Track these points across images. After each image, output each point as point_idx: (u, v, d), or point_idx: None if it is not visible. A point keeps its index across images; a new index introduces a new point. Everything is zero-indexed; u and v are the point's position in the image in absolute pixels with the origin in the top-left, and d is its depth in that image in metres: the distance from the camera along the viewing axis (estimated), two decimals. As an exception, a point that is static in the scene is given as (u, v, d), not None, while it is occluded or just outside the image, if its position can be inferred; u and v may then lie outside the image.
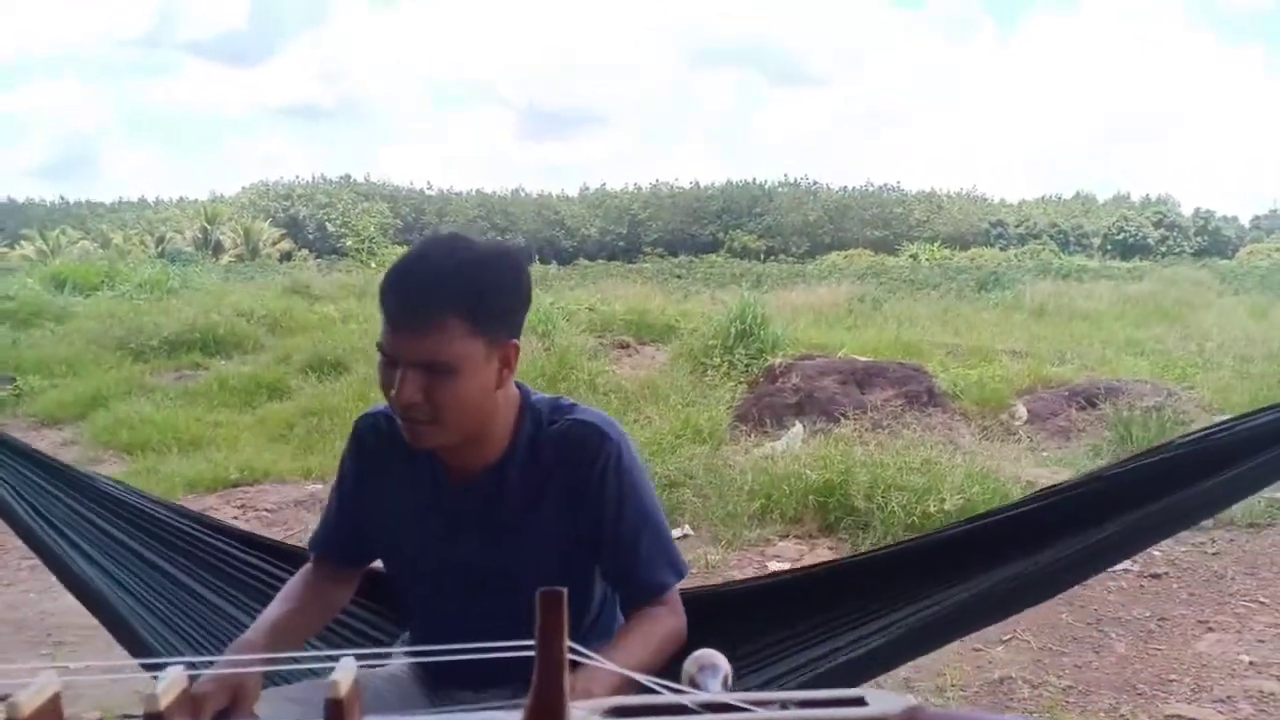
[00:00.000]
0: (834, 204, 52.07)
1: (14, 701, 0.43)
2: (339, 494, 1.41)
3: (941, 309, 13.43)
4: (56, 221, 43.31)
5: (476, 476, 1.30)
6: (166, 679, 0.46)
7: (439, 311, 1.14)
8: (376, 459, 1.35)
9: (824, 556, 4.21)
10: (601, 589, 1.37)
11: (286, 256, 35.30)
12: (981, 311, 13.12)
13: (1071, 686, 2.92)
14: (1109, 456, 5.68)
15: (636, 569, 1.30)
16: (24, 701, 0.42)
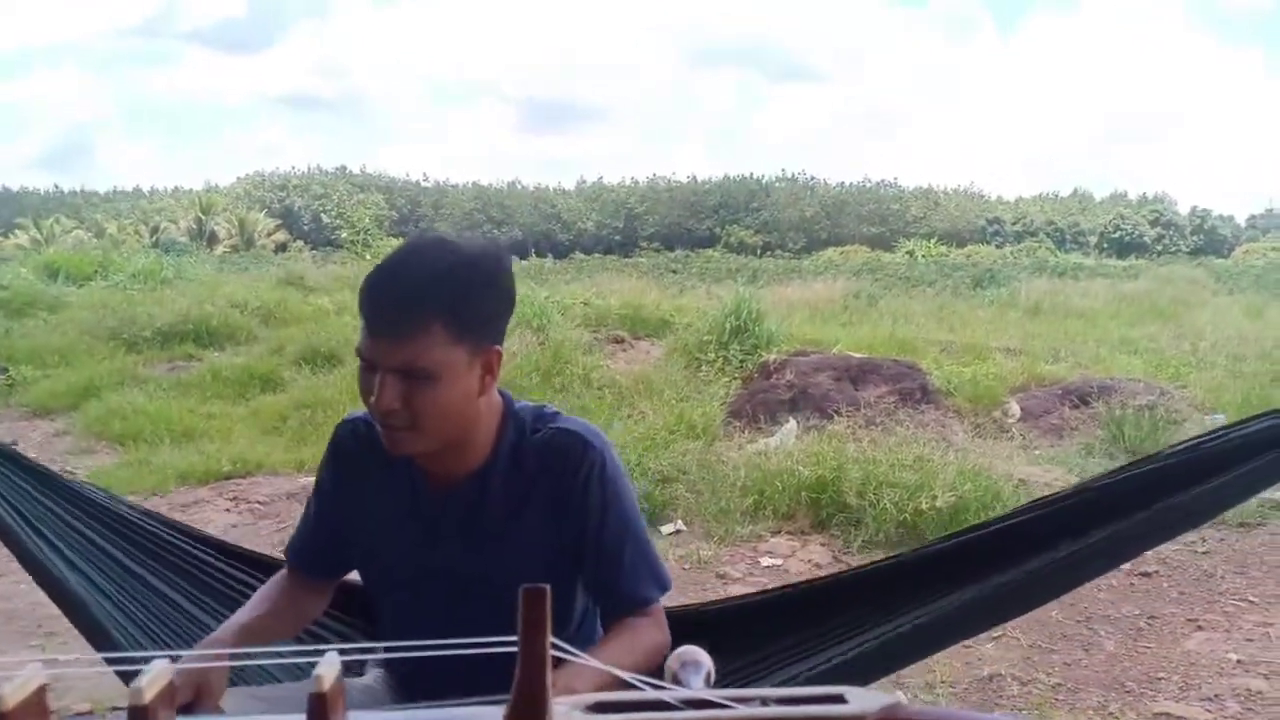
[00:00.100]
0: (831, 200, 51.96)
1: (-2, 694, 0.43)
2: (316, 499, 1.40)
3: (937, 306, 13.45)
4: (51, 211, 43.06)
5: (459, 483, 1.28)
6: (150, 672, 0.46)
7: (419, 317, 1.12)
8: (356, 464, 1.34)
9: (816, 553, 4.23)
10: (583, 601, 1.36)
11: (281, 248, 35.12)
12: (976, 309, 13.14)
13: (1060, 684, 2.93)
14: (1101, 454, 5.71)
15: (619, 579, 1.28)
16: (8, 694, 0.42)
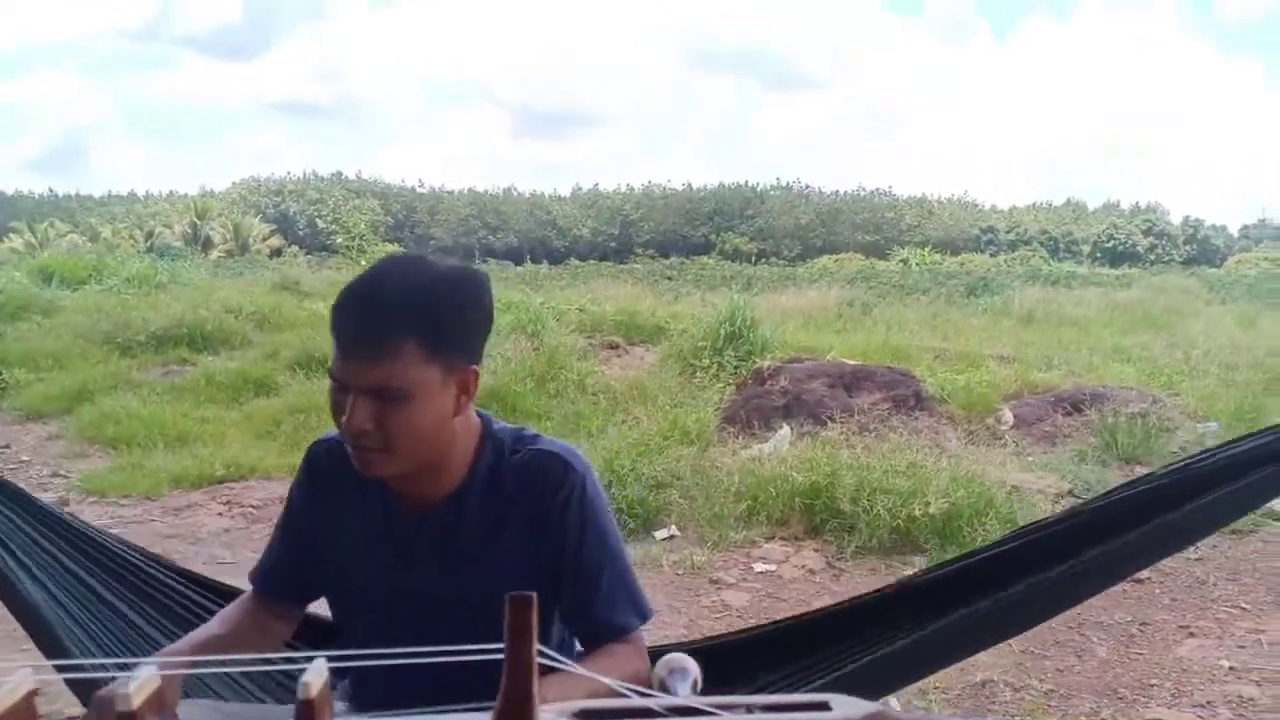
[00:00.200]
0: (826, 208, 52.04)
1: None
2: (286, 520, 1.37)
3: (930, 314, 13.48)
4: (45, 214, 42.90)
5: (435, 506, 1.25)
6: (138, 678, 0.47)
7: (391, 336, 1.10)
8: (329, 484, 1.30)
9: (810, 558, 4.23)
10: (559, 632, 1.32)
11: (276, 253, 35.06)
12: (970, 317, 13.17)
13: (1053, 690, 2.94)
14: (1093, 461, 5.73)
15: (596, 604, 1.24)
16: (-4, 699, 0.43)
